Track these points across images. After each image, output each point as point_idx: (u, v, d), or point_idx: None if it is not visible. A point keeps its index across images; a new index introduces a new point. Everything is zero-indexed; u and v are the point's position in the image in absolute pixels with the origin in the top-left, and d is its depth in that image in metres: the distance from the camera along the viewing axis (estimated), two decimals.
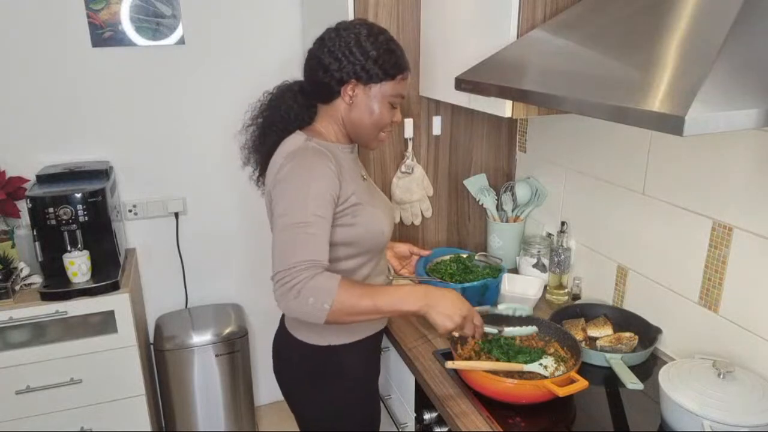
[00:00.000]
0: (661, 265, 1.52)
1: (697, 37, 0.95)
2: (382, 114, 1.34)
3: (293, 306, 1.17)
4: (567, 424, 1.27)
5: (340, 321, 1.20)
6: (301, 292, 1.15)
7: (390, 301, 1.22)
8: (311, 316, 1.17)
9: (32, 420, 2.03)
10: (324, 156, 1.28)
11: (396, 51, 1.33)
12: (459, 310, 1.24)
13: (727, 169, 1.30)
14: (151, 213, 2.39)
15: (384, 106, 1.34)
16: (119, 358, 2.07)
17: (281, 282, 1.17)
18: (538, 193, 1.97)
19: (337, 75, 1.30)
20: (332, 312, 1.16)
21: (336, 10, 1.86)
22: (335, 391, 1.43)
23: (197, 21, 2.26)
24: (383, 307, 1.21)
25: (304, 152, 1.29)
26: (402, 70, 1.34)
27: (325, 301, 1.15)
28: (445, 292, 1.25)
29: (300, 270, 1.16)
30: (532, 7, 1.37)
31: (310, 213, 1.21)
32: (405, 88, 1.38)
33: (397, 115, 1.38)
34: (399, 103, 1.37)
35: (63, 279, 2.00)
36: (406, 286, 1.28)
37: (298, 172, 1.25)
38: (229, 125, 2.37)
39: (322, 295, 1.16)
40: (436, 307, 1.23)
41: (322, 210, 1.22)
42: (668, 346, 1.52)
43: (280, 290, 1.18)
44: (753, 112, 0.83)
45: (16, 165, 2.15)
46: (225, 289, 2.60)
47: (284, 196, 1.24)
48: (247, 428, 2.50)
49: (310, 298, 1.15)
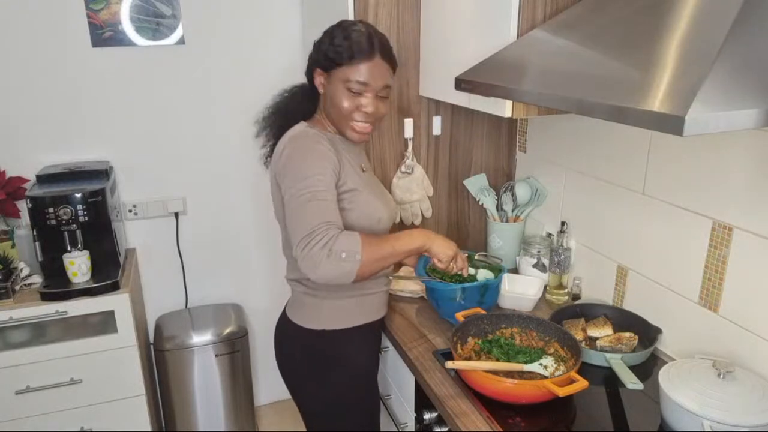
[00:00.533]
0: (661, 265, 1.52)
1: (697, 37, 0.95)
2: (342, 100, 1.37)
3: (327, 265, 1.23)
4: (567, 424, 1.27)
5: (369, 270, 1.29)
6: (333, 249, 1.23)
7: (401, 242, 1.37)
8: (345, 271, 1.25)
9: (32, 420, 2.03)
10: (323, 138, 1.37)
11: (354, 38, 1.35)
12: (452, 243, 1.45)
13: (727, 169, 1.30)
14: (151, 213, 2.39)
15: (343, 93, 1.37)
16: (119, 358, 2.07)
17: (309, 246, 1.23)
18: (538, 193, 1.97)
19: (309, 66, 1.43)
20: (363, 262, 1.26)
21: (336, 11, 1.86)
22: (333, 378, 1.48)
23: (197, 21, 2.26)
24: (399, 249, 1.36)
25: (304, 136, 1.38)
26: (356, 54, 1.34)
27: (357, 252, 1.25)
28: (435, 232, 1.45)
29: (324, 230, 1.25)
30: (532, 7, 1.37)
31: (318, 181, 1.30)
32: (365, 75, 1.35)
33: (363, 103, 1.37)
34: (361, 90, 1.36)
35: (63, 279, 2.00)
36: (408, 231, 1.42)
37: (300, 152, 1.34)
38: (229, 125, 2.38)
39: (352, 247, 1.25)
40: (437, 240, 1.42)
41: (327, 181, 1.31)
42: (668, 346, 1.52)
43: (310, 254, 1.23)
44: (753, 112, 0.83)
45: (16, 165, 2.15)
46: (225, 289, 2.60)
47: (290, 172, 1.32)
48: (247, 428, 2.50)
49: (342, 253, 1.24)
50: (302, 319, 1.49)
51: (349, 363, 1.50)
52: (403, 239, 1.38)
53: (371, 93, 1.37)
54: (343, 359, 1.49)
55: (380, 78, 1.37)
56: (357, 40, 1.35)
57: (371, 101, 1.37)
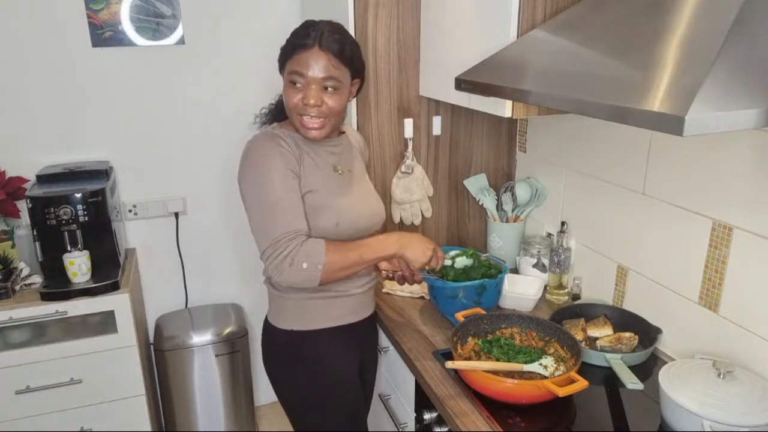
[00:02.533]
0: (661, 265, 1.52)
1: (697, 37, 0.95)
2: (287, 94, 1.36)
3: (289, 274, 1.27)
4: (567, 424, 1.27)
5: (334, 277, 1.31)
6: (295, 259, 1.26)
7: (371, 250, 1.36)
8: (307, 279, 1.28)
9: (32, 420, 2.03)
10: (276, 138, 1.37)
11: (296, 30, 1.35)
12: (428, 245, 1.42)
13: (727, 169, 1.30)
14: (151, 213, 2.39)
15: (287, 87, 1.37)
16: (119, 358, 2.07)
17: (273, 256, 1.27)
18: (538, 193, 1.97)
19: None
20: (325, 271, 1.28)
21: (336, 11, 1.86)
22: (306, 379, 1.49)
23: (197, 21, 2.26)
24: (367, 257, 1.35)
25: (258, 138, 1.39)
26: (295, 46, 1.33)
27: (318, 262, 1.27)
28: (413, 235, 1.42)
29: (287, 240, 1.27)
30: (532, 7, 1.37)
31: (278, 188, 1.30)
32: (302, 66, 1.32)
33: (306, 95, 1.33)
34: (299, 81, 1.33)
35: (63, 279, 2.00)
36: (381, 236, 1.42)
37: (256, 154, 1.35)
38: (229, 125, 2.38)
39: (313, 257, 1.27)
40: (411, 246, 1.40)
41: (287, 184, 1.32)
42: (668, 346, 1.52)
43: (273, 263, 1.27)
44: (753, 112, 0.83)
45: (16, 165, 2.15)
46: (225, 289, 2.60)
47: (247, 178, 1.35)
48: (247, 428, 2.50)
49: (303, 263, 1.26)
50: (275, 319, 1.51)
51: (324, 365, 1.48)
52: (373, 247, 1.37)
53: (315, 85, 1.32)
54: (316, 360, 1.48)
55: (320, 69, 1.31)
56: (296, 32, 1.36)
57: (313, 93, 1.32)
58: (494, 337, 1.49)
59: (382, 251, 1.38)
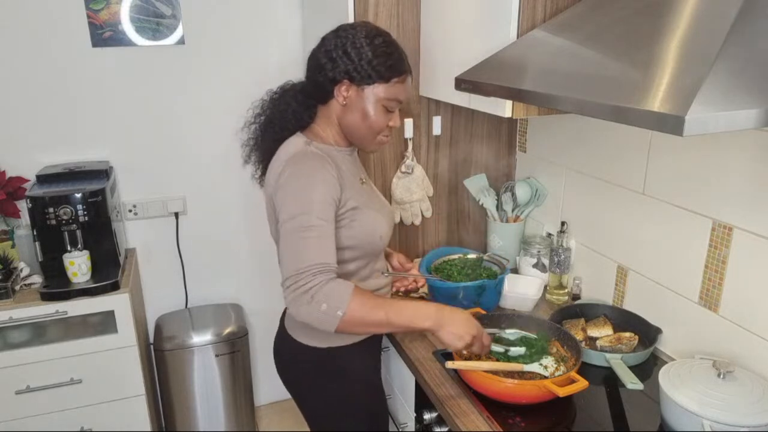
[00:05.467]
0: (661, 265, 1.52)
1: (697, 37, 0.95)
2: (377, 117, 1.32)
3: (305, 311, 1.16)
4: (567, 424, 1.27)
5: (350, 330, 1.20)
6: (315, 297, 1.15)
7: (402, 316, 1.22)
8: (323, 322, 1.17)
9: (32, 420, 2.03)
10: (324, 160, 1.28)
11: (393, 54, 1.30)
12: (469, 330, 1.24)
13: (727, 169, 1.30)
14: (151, 213, 2.39)
15: (378, 109, 1.31)
16: (119, 358, 2.07)
17: (294, 287, 1.16)
18: (538, 193, 1.97)
19: (330, 75, 1.30)
20: (344, 320, 1.16)
21: (336, 11, 1.86)
22: (338, 390, 1.43)
23: (197, 21, 2.26)
24: (395, 321, 1.21)
25: (303, 157, 1.29)
26: (397, 73, 1.31)
27: (339, 308, 1.15)
28: (455, 312, 1.26)
29: (313, 274, 1.16)
30: (532, 7, 1.37)
31: (316, 217, 1.21)
32: (403, 93, 1.34)
33: (395, 119, 1.35)
34: (396, 107, 1.34)
35: (63, 279, 2.00)
36: (418, 302, 1.28)
37: (299, 178, 1.25)
38: (229, 125, 2.38)
39: (336, 301, 1.15)
40: (447, 327, 1.23)
41: (326, 214, 1.23)
42: (668, 346, 1.52)
43: (291, 295, 1.17)
44: (753, 112, 0.83)
45: (16, 165, 2.15)
46: (225, 289, 2.60)
47: (288, 201, 1.24)
48: (247, 428, 2.50)
49: (323, 304, 1.15)
50: (302, 336, 1.42)
51: (352, 373, 1.44)
52: (405, 313, 1.22)
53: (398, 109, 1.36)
54: (346, 371, 1.43)
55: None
56: (397, 57, 1.31)
57: (398, 117, 1.36)
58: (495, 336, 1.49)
59: (412, 321, 1.23)
